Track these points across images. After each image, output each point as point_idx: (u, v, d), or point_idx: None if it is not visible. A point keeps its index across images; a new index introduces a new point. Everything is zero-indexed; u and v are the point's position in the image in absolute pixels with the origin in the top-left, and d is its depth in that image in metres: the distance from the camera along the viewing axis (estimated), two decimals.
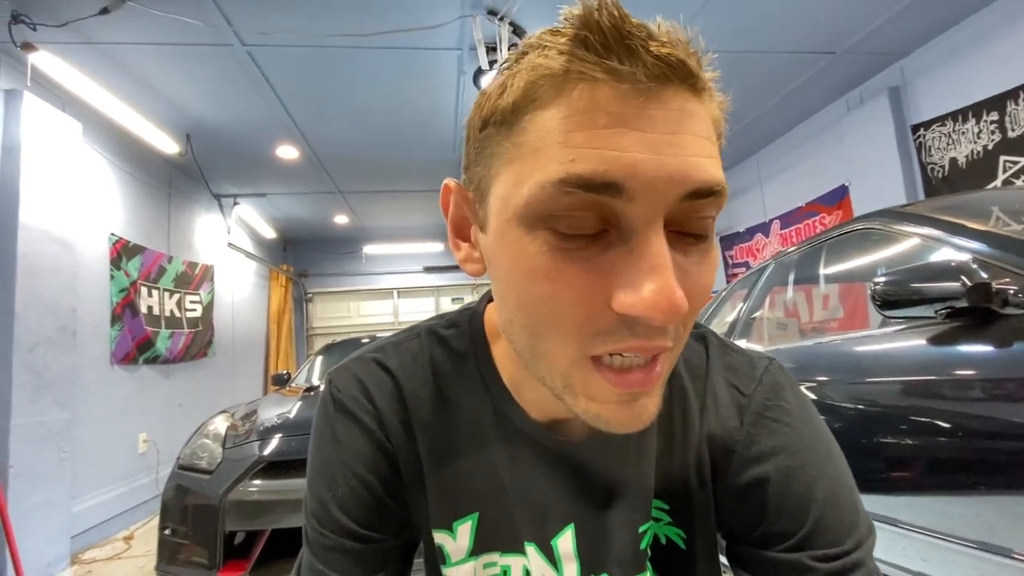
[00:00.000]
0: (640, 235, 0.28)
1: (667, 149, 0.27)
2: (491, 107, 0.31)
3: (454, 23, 2.56)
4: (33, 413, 2.42)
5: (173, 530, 1.93)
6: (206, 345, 4.39)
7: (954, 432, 1.01)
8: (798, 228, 4.23)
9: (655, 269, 0.27)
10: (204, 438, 2.17)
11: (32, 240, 2.48)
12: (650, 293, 0.27)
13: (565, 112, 0.28)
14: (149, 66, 2.78)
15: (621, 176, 0.26)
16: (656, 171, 0.26)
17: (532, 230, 0.29)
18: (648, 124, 0.27)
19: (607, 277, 0.28)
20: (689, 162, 0.27)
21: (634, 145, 0.26)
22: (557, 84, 0.28)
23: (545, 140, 0.28)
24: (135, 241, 3.52)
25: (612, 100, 0.27)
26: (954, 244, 1.15)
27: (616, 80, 0.27)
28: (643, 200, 0.27)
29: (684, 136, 0.27)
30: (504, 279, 0.33)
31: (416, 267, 7.36)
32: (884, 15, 2.77)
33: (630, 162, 0.26)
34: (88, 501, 2.91)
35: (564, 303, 0.29)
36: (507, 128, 0.30)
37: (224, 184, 4.60)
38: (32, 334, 2.45)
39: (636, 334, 0.29)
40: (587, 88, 0.27)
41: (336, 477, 0.43)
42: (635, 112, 0.27)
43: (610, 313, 0.29)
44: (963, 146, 2.92)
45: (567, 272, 0.29)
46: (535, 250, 0.29)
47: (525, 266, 0.30)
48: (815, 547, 0.37)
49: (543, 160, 0.28)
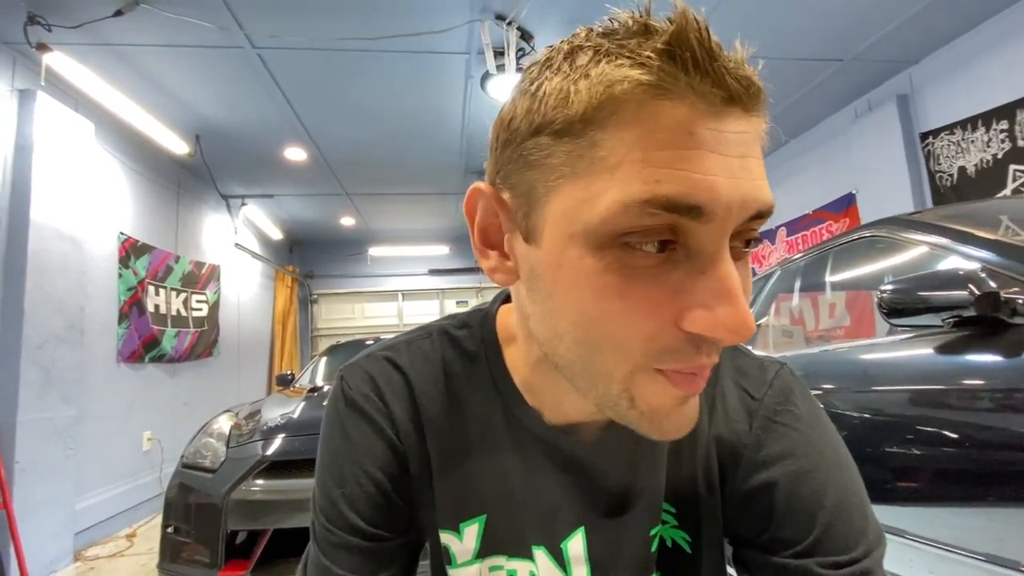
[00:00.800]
0: (712, 256, 0.28)
1: (741, 173, 0.27)
2: (551, 114, 0.29)
3: (462, 27, 2.58)
4: (40, 409, 2.44)
5: (176, 528, 1.94)
6: (211, 344, 4.41)
7: (962, 442, 1.00)
8: (804, 235, 4.21)
9: (729, 292, 0.28)
10: (208, 437, 2.18)
11: (43, 238, 2.51)
12: (725, 316, 0.27)
13: (647, 129, 0.27)
14: (161, 67, 2.81)
15: (704, 199, 0.26)
16: (731, 194, 0.27)
17: (603, 247, 0.29)
18: (724, 147, 0.27)
19: (676, 296, 0.29)
20: (757, 185, 0.28)
21: (715, 168, 0.26)
22: (639, 99, 0.27)
23: (624, 157, 0.27)
24: (143, 240, 3.55)
25: (694, 120, 0.26)
26: (962, 253, 1.14)
27: (698, 98, 0.26)
28: (719, 222, 0.27)
29: (751, 160, 0.28)
30: (561, 294, 0.31)
31: (421, 269, 7.37)
32: (893, 22, 2.76)
33: (711, 185, 0.26)
34: (92, 498, 2.93)
35: (632, 320, 0.29)
36: (571, 138, 0.28)
37: (232, 185, 4.64)
38: (41, 331, 2.47)
39: (701, 352, 0.30)
40: (671, 106, 0.26)
41: (345, 474, 0.43)
42: (714, 134, 0.27)
43: (677, 331, 0.29)
44: (972, 155, 2.90)
45: (638, 290, 0.29)
46: (604, 267, 0.29)
47: (592, 283, 0.29)
48: (823, 554, 0.36)
49: (623, 178, 0.27)
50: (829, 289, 1.80)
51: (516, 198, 0.33)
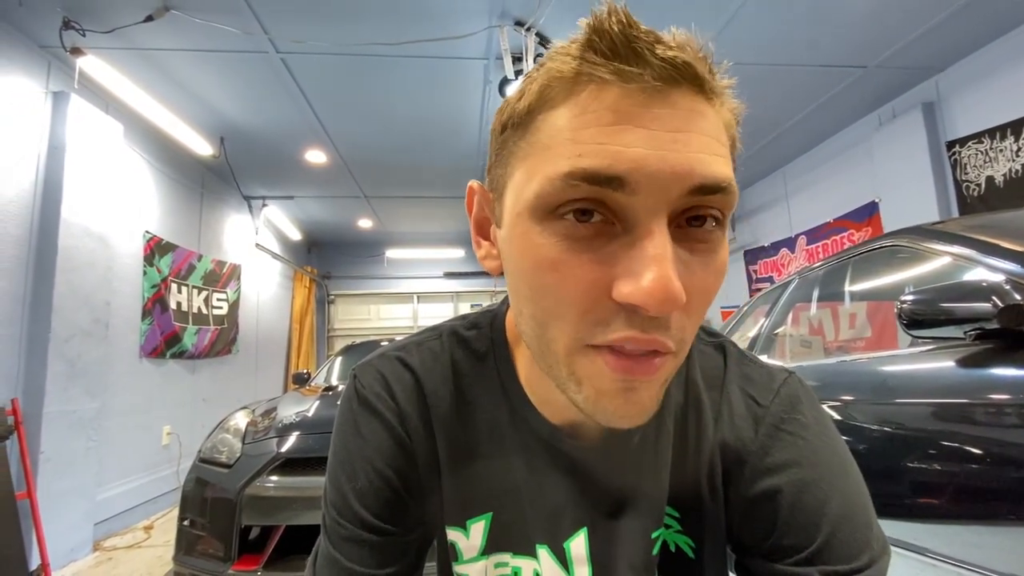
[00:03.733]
0: (642, 227, 0.29)
1: (671, 145, 0.28)
2: (510, 111, 0.34)
3: (482, 33, 2.60)
4: (65, 402, 2.52)
5: (192, 521, 1.98)
6: (230, 342, 4.49)
7: (984, 458, 0.98)
8: (825, 244, 4.14)
9: (654, 259, 0.28)
10: (224, 433, 2.22)
11: (72, 235, 2.59)
12: (647, 282, 0.27)
13: (574, 111, 0.29)
14: (188, 71, 2.89)
15: (624, 170, 0.28)
16: (659, 165, 0.28)
17: (541, 222, 0.31)
18: (654, 122, 0.28)
19: (610, 267, 0.29)
20: (693, 158, 0.28)
21: (639, 141, 0.28)
22: (568, 86, 0.30)
23: (555, 138, 0.30)
24: (167, 239, 3.64)
25: (619, 99, 0.28)
26: (987, 264, 1.11)
27: (623, 81, 0.28)
28: (646, 194, 0.28)
29: (690, 134, 0.28)
30: (515, 271, 0.34)
31: (436, 272, 7.42)
32: (918, 29, 2.71)
33: (633, 157, 0.28)
34: (112, 490, 3.00)
35: (569, 292, 0.30)
36: (523, 129, 0.33)
37: (254, 186, 4.73)
38: (68, 325, 2.55)
39: (633, 324, 0.29)
40: (595, 89, 0.29)
41: (356, 469, 0.44)
42: (641, 111, 0.28)
43: (610, 303, 0.30)
44: (1001, 164, 2.83)
45: (572, 262, 0.30)
46: (543, 241, 0.31)
47: (534, 257, 0.31)
48: (826, 562, 0.36)
49: (552, 156, 0.30)
50: (848, 299, 1.77)
51: (493, 190, 0.37)
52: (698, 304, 0.31)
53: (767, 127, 3.85)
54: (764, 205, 4.97)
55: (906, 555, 1.11)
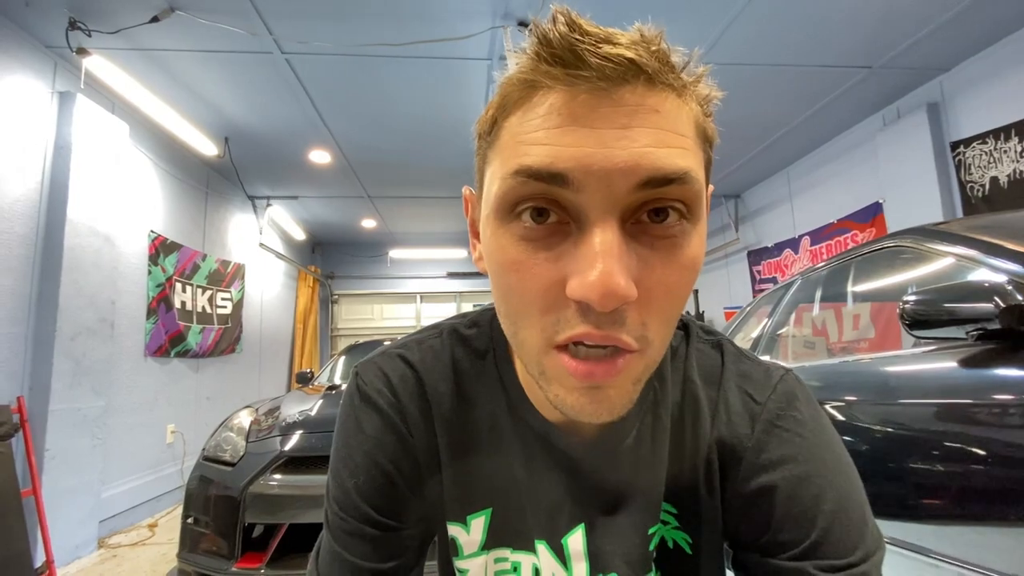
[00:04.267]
0: (591, 224, 0.30)
1: (616, 142, 0.29)
2: (480, 121, 0.36)
3: (485, 34, 2.61)
4: (71, 400, 2.53)
5: (195, 519, 1.99)
6: (234, 341, 4.51)
7: (985, 459, 0.98)
8: (829, 244, 4.13)
9: (599, 255, 0.28)
10: (228, 431, 2.23)
11: (78, 235, 2.61)
12: (591, 277, 0.28)
13: (526, 116, 0.31)
14: (193, 72, 2.91)
15: (566, 167, 0.29)
16: (603, 163, 0.28)
17: (504, 223, 0.33)
18: (599, 121, 0.29)
19: (564, 265, 0.31)
20: (640, 152, 0.29)
21: (582, 140, 0.29)
22: (521, 92, 0.32)
23: (509, 141, 0.32)
24: (172, 238, 3.66)
25: (565, 102, 0.30)
26: (990, 265, 1.11)
27: (568, 84, 0.29)
28: (592, 191, 0.29)
29: (638, 129, 0.29)
30: (490, 271, 0.35)
31: (439, 272, 7.44)
32: (924, 29, 2.70)
33: (576, 155, 0.29)
34: (117, 487, 3.02)
35: (529, 292, 0.32)
36: (490, 137, 0.35)
37: (258, 186, 4.75)
38: (73, 324, 2.57)
39: (588, 321, 0.30)
40: (544, 93, 0.30)
41: (358, 465, 0.45)
42: (586, 111, 0.29)
43: (567, 300, 0.31)
44: (1005, 165, 2.81)
45: (531, 262, 0.31)
46: (506, 242, 0.32)
47: (500, 258, 0.33)
48: (820, 557, 0.37)
49: (506, 157, 0.32)
50: (851, 300, 1.76)
51: (478, 194, 0.39)
52: (661, 301, 0.31)
53: (771, 127, 3.84)
54: (768, 206, 4.96)
55: (909, 555, 1.10)
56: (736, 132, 3.89)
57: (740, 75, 3.06)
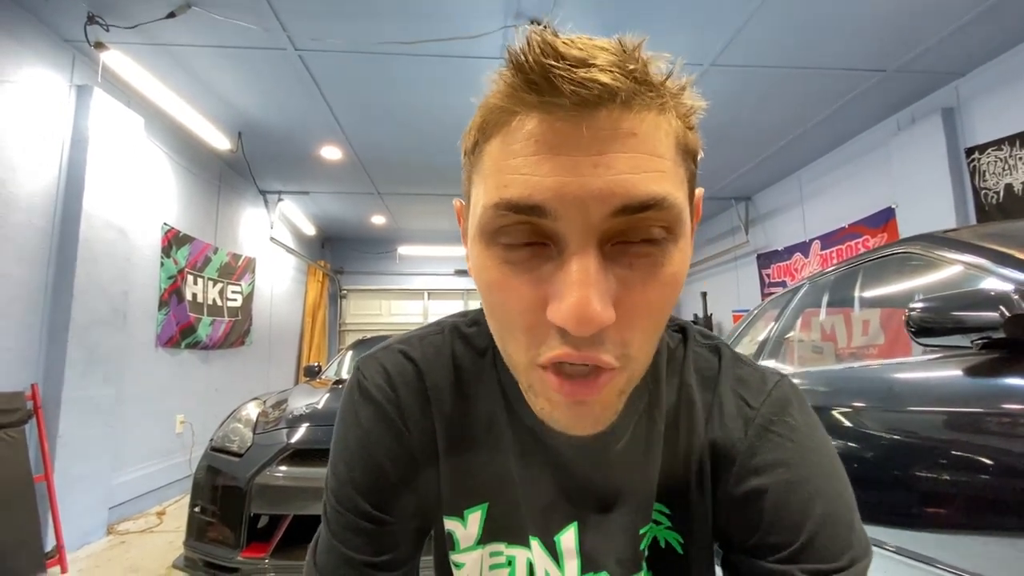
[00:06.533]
0: (570, 251, 0.30)
1: (591, 171, 0.29)
2: (465, 141, 0.37)
3: (497, 32, 2.61)
4: (83, 388, 2.58)
5: (203, 508, 2.02)
6: (244, 334, 4.56)
7: (987, 468, 0.97)
8: (839, 249, 4.10)
9: (576, 283, 0.29)
10: (236, 422, 2.26)
11: (93, 227, 2.66)
12: (567, 306, 0.29)
13: (503, 143, 0.32)
14: (208, 67, 2.94)
15: (542, 199, 0.29)
16: (578, 192, 0.29)
17: (488, 246, 0.33)
18: (574, 148, 0.29)
19: (545, 288, 0.31)
20: (614, 180, 0.29)
21: (558, 170, 0.29)
22: (500, 117, 0.32)
23: (490, 168, 0.32)
24: (185, 231, 3.71)
25: (541, 129, 0.29)
26: (999, 274, 1.10)
27: (544, 111, 0.29)
28: (571, 219, 0.29)
29: (613, 155, 0.29)
30: (478, 287, 0.36)
31: (447, 270, 7.47)
32: (940, 33, 2.67)
33: (551, 186, 0.29)
34: (126, 475, 3.07)
35: (513, 312, 0.33)
36: (473, 158, 0.36)
37: (270, 181, 4.80)
38: (87, 314, 2.61)
39: (567, 342, 0.31)
40: (521, 120, 0.30)
41: (355, 459, 0.46)
42: (561, 139, 0.29)
43: (548, 322, 0.31)
44: (1020, 172, 2.77)
45: (513, 283, 0.32)
46: (490, 264, 0.33)
47: (485, 278, 0.34)
48: (808, 561, 0.37)
49: (488, 184, 0.32)
50: (859, 305, 1.75)
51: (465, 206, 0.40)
52: (642, 319, 0.32)
53: (784, 130, 3.81)
54: (779, 209, 4.92)
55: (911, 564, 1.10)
56: (748, 135, 3.86)
57: (753, 77, 3.04)
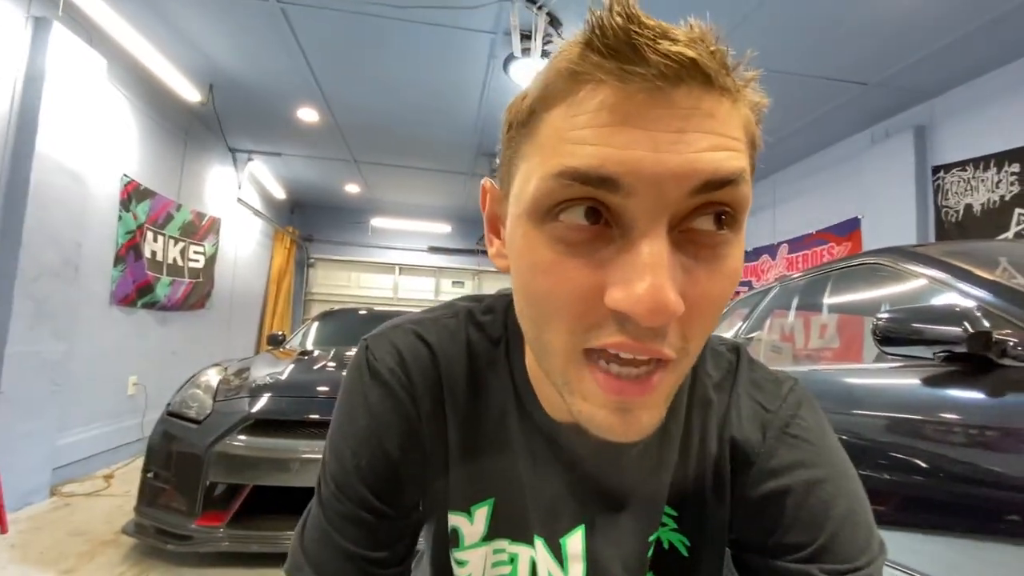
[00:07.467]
0: (639, 232, 0.28)
1: (671, 147, 0.27)
2: (516, 110, 0.34)
3: (492, 6, 2.54)
4: (30, 342, 2.44)
5: (156, 474, 1.96)
6: (204, 297, 4.40)
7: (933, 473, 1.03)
8: (806, 254, 4.24)
9: (649, 267, 0.27)
10: (196, 388, 2.19)
11: (45, 170, 2.48)
12: (639, 290, 0.26)
13: (571, 111, 0.29)
14: (180, 10, 2.76)
15: (617, 172, 0.27)
16: (656, 168, 0.26)
17: (539, 224, 0.30)
18: (653, 123, 0.27)
19: (604, 272, 0.29)
20: (693, 157, 0.27)
21: (635, 142, 0.27)
22: (567, 84, 0.29)
23: (551, 137, 0.30)
24: (146, 185, 3.51)
25: (616, 99, 0.27)
26: (960, 290, 1.16)
27: (621, 80, 0.27)
28: (643, 197, 0.27)
29: (692, 134, 0.27)
30: (516, 272, 0.34)
31: (421, 245, 7.36)
32: (921, 51, 2.75)
33: (627, 159, 0.27)
34: (73, 436, 2.94)
35: (562, 296, 0.30)
36: (525, 129, 0.32)
37: (241, 139, 4.58)
38: (36, 264, 2.46)
39: (625, 331, 0.29)
40: (593, 88, 0.28)
41: (362, 446, 0.43)
42: (639, 111, 0.27)
43: (604, 308, 0.29)
44: (980, 193, 2.92)
45: (567, 266, 0.30)
46: (540, 244, 0.30)
47: (531, 259, 0.31)
48: (827, 561, 0.37)
49: (548, 156, 0.29)
50: (826, 311, 1.82)
51: (502, 188, 0.37)
52: (703, 312, 0.30)
53: (764, 133, 3.88)
54: (752, 211, 4.99)
55: None
56: None
57: None
